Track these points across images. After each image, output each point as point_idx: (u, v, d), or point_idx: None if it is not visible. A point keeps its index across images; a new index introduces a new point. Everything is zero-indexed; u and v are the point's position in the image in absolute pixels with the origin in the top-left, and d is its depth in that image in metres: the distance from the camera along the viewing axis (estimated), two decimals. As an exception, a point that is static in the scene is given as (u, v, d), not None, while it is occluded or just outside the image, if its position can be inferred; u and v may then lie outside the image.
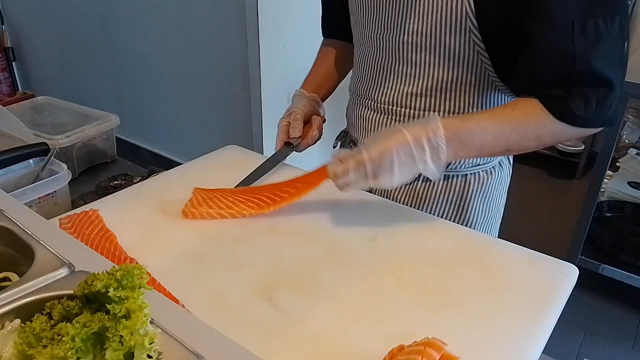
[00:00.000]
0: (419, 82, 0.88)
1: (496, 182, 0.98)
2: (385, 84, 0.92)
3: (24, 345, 0.43)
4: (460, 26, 0.79)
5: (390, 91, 0.92)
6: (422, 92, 0.88)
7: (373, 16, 0.89)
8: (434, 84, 0.86)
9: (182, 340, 0.46)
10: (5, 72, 3.26)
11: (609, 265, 2.07)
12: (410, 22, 0.83)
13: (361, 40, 0.95)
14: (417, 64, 0.86)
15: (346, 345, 0.62)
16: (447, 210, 0.96)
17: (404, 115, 0.91)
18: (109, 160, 1.51)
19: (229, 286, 0.72)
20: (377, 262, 0.77)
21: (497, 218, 1.03)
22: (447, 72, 0.85)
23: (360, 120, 1.00)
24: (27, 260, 0.57)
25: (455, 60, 0.83)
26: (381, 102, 0.94)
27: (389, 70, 0.90)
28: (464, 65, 0.84)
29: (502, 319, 0.67)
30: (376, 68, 0.93)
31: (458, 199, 0.95)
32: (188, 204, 0.89)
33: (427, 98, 0.88)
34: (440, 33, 0.81)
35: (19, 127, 1.19)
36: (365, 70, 0.96)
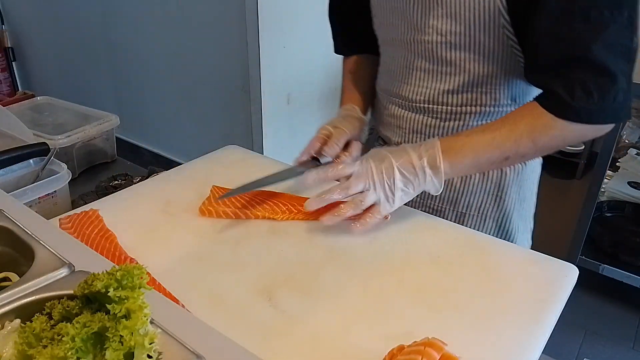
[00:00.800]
0: (454, 79, 0.88)
1: (530, 170, 0.98)
2: (418, 83, 0.92)
3: (24, 345, 0.43)
4: (493, 23, 0.79)
5: (424, 90, 0.91)
6: (457, 89, 0.88)
7: (400, 19, 0.89)
8: (468, 80, 0.87)
9: (182, 340, 0.46)
10: (5, 72, 3.26)
11: (609, 265, 2.07)
12: (441, 22, 0.83)
13: (388, 41, 0.95)
14: (451, 62, 0.86)
15: (346, 345, 0.62)
16: (484, 201, 0.97)
17: (440, 112, 0.92)
18: (109, 160, 1.51)
19: (229, 286, 0.72)
20: (377, 262, 0.77)
21: (532, 206, 1.04)
22: (481, 68, 0.85)
23: (393, 119, 1.00)
24: (27, 260, 0.57)
25: (489, 56, 0.83)
26: (415, 100, 0.93)
27: (421, 69, 0.90)
28: (498, 60, 0.84)
29: (502, 319, 0.67)
30: (407, 67, 0.92)
31: (496, 189, 0.96)
32: (205, 201, 0.89)
33: (463, 94, 0.89)
34: (473, 31, 0.81)
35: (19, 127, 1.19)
36: (396, 70, 0.95)
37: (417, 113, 0.95)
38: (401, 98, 0.96)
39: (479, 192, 0.96)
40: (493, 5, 0.78)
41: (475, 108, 0.89)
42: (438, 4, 0.82)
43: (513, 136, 0.79)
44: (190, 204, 0.91)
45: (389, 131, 1.02)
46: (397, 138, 1.01)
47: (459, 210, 0.98)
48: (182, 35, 2.49)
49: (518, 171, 0.96)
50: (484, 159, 0.81)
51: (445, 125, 0.93)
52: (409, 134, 0.98)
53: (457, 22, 0.81)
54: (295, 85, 2.49)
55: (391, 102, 0.99)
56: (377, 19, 0.97)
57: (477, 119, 0.91)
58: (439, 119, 0.93)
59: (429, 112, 0.93)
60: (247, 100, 2.35)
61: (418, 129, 0.96)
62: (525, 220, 1.03)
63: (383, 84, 1.02)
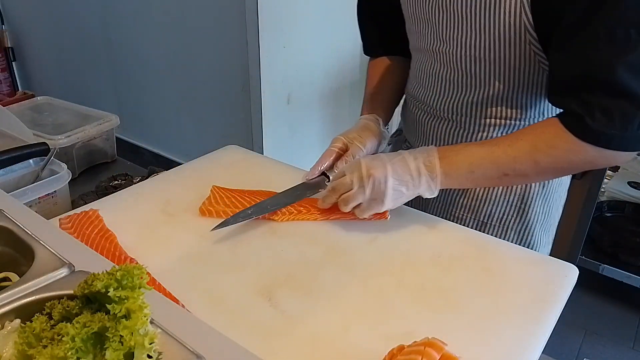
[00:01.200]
0: (478, 92, 0.87)
1: (557, 184, 0.96)
2: (444, 93, 0.91)
3: (24, 345, 0.43)
4: (520, 40, 0.77)
5: (448, 99, 0.91)
6: (481, 101, 0.87)
7: (428, 29, 0.88)
8: (493, 93, 0.85)
9: (182, 340, 0.46)
10: (5, 72, 3.26)
11: (609, 265, 2.07)
12: (467, 37, 0.82)
13: (417, 48, 0.95)
14: (476, 75, 0.85)
15: (346, 345, 0.62)
16: (507, 212, 0.95)
17: (465, 122, 0.91)
18: (109, 160, 1.51)
19: (229, 286, 0.72)
20: (377, 262, 0.77)
21: (556, 219, 1.02)
22: (507, 82, 0.83)
23: (418, 125, 0.99)
24: (27, 260, 0.57)
25: (515, 70, 0.82)
26: (440, 109, 0.93)
27: (447, 80, 0.90)
28: (525, 74, 0.82)
29: (502, 319, 0.67)
30: (434, 77, 0.92)
31: (519, 202, 0.94)
32: (205, 201, 0.89)
33: (488, 107, 0.87)
34: (499, 47, 0.80)
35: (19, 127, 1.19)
36: (423, 78, 0.95)
37: (441, 121, 0.94)
38: (426, 105, 0.95)
39: (501, 202, 0.94)
40: (519, 22, 0.75)
41: (500, 121, 0.88)
42: (463, 18, 0.80)
43: (512, 152, 0.76)
44: (190, 204, 0.91)
45: (413, 136, 1.02)
46: (419, 143, 1.00)
47: (480, 219, 0.96)
48: (182, 35, 2.49)
49: (544, 184, 0.94)
50: (479, 173, 0.78)
51: (469, 136, 0.92)
52: (431, 141, 0.97)
53: (482, 37, 0.80)
54: (295, 85, 2.49)
55: (417, 108, 0.99)
56: (408, 25, 0.96)
57: (502, 132, 0.89)
58: (463, 129, 0.92)
59: (453, 121, 0.92)
60: (247, 100, 2.35)
61: (441, 137, 0.95)
62: (548, 233, 1.01)
63: (411, 88, 1.01)
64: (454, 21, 0.82)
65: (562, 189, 0.99)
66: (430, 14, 0.85)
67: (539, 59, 0.79)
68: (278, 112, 2.44)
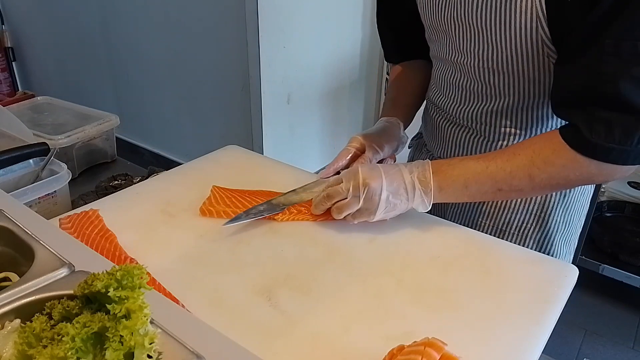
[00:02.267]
0: (497, 102, 0.87)
1: (578, 193, 0.95)
2: (463, 101, 0.92)
3: (24, 345, 0.43)
4: (537, 52, 0.77)
5: (467, 108, 0.91)
6: (500, 110, 0.87)
7: (446, 40, 0.88)
8: (512, 103, 0.85)
9: (182, 340, 0.46)
10: (5, 72, 3.26)
11: (609, 265, 2.07)
12: (483, 50, 0.82)
13: (436, 56, 0.95)
14: (494, 86, 0.85)
15: (346, 345, 0.62)
16: (526, 220, 0.93)
17: (484, 130, 0.91)
18: (109, 160, 1.51)
19: (229, 286, 0.72)
20: (377, 262, 0.77)
21: (578, 229, 1.00)
22: (525, 93, 0.83)
23: (437, 130, 0.99)
24: (27, 260, 0.57)
25: (532, 82, 0.81)
26: (459, 117, 0.93)
27: (466, 89, 0.90)
28: (543, 85, 0.82)
29: (502, 319, 0.67)
30: (453, 85, 0.92)
31: (539, 210, 0.93)
32: (206, 201, 0.89)
33: (506, 116, 0.87)
34: (516, 59, 0.79)
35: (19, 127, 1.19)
36: (443, 85, 0.95)
37: (460, 128, 0.95)
38: (446, 112, 0.96)
39: (521, 210, 0.93)
40: (536, 36, 0.75)
41: (519, 130, 0.88)
42: (479, 32, 0.80)
43: (508, 168, 0.76)
44: (190, 204, 0.91)
45: (432, 140, 1.02)
46: (438, 148, 1.00)
47: (498, 226, 0.95)
48: (182, 35, 2.49)
49: (565, 194, 0.93)
50: (474, 188, 0.78)
51: (487, 144, 0.92)
52: (450, 147, 0.97)
53: (499, 51, 0.80)
54: (295, 85, 2.49)
55: (437, 114, 0.99)
56: (427, 34, 0.96)
57: (516, 140, 0.88)
58: (482, 136, 0.92)
59: (472, 129, 0.92)
60: (247, 100, 2.35)
61: (459, 143, 0.95)
62: (569, 243, 0.99)
63: (432, 95, 1.01)
64: (470, 34, 0.82)
65: (584, 198, 0.97)
66: (446, 26, 0.86)
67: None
68: (278, 112, 2.44)
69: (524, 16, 0.74)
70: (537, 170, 0.74)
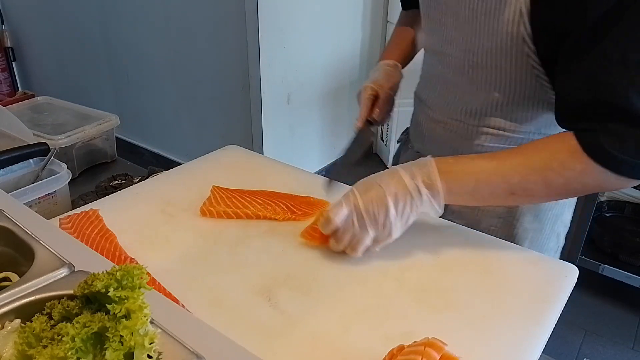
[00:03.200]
0: (477, 99, 0.86)
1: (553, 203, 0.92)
2: (445, 95, 0.92)
3: (24, 345, 0.43)
4: (517, 50, 0.76)
5: (448, 102, 0.91)
6: (479, 110, 0.86)
7: (437, 28, 0.88)
8: (491, 103, 0.84)
9: (182, 340, 0.46)
10: (5, 72, 3.26)
11: (609, 265, 2.07)
12: (468, 40, 0.81)
13: (427, 48, 0.97)
14: (475, 81, 0.84)
15: (346, 345, 0.62)
16: (494, 223, 0.92)
17: (460, 128, 0.90)
18: (109, 160, 1.51)
19: (229, 286, 0.72)
20: (377, 262, 0.77)
21: (558, 238, 0.97)
22: (503, 92, 0.82)
23: (418, 126, 1.02)
24: (27, 260, 0.57)
25: (511, 81, 0.80)
26: (439, 112, 0.94)
27: (449, 82, 0.90)
28: (521, 86, 0.80)
29: (502, 319, 0.67)
30: (437, 78, 0.94)
31: (506, 214, 0.91)
32: (206, 202, 0.89)
33: (481, 115, 0.87)
34: (497, 54, 0.78)
35: (19, 127, 1.19)
36: (428, 78, 0.98)
37: (438, 124, 0.95)
38: (427, 107, 0.98)
39: (489, 211, 0.92)
40: (517, 31, 0.73)
41: (496, 131, 0.86)
42: (468, 21, 0.80)
43: (523, 169, 0.71)
44: (190, 204, 0.91)
45: (414, 136, 1.05)
46: (418, 144, 1.03)
47: (470, 225, 0.90)
48: (182, 36, 2.49)
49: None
50: (486, 190, 0.73)
51: (464, 142, 0.90)
52: (431, 145, 0.98)
53: (482, 43, 0.79)
54: (295, 85, 2.49)
55: (420, 109, 1.02)
56: (423, 24, 0.96)
57: (494, 142, 0.87)
58: (458, 135, 0.91)
59: (450, 126, 0.92)
60: (247, 100, 2.36)
61: (437, 139, 0.96)
62: (543, 251, 0.94)
63: (418, 89, 1.04)
64: (458, 23, 0.82)
65: (561, 206, 0.94)
66: (440, 13, 0.86)
67: (537, 73, 0.77)
68: (278, 112, 2.44)
69: (509, 8, 0.73)
70: (554, 174, 0.70)
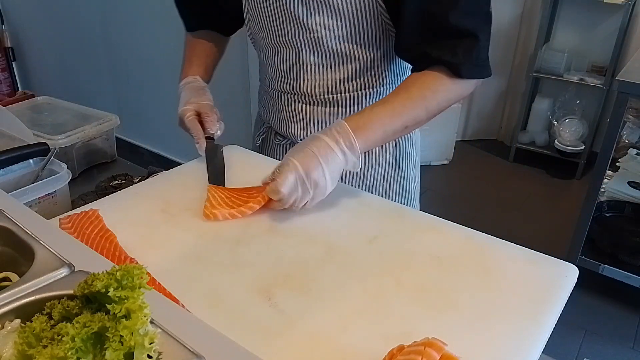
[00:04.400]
0: (346, 68, 0.98)
1: (416, 136, 1.13)
2: (314, 77, 1.00)
3: (24, 345, 0.43)
4: (372, 13, 0.90)
5: (320, 82, 1.00)
6: (350, 76, 0.99)
7: (285, 21, 0.95)
8: (359, 67, 0.97)
9: (182, 340, 0.46)
10: (5, 72, 3.27)
11: (609, 265, 2.07)
12: (327, 19, 0.91)
13: (275, 44, 1.00)
14: (341, 54, 0.96)
15: (346, 345, 0.62)
16: (387, 170, 1.08)
17: (340, 99, 1.01)
18: (109, 160, 1.51)
19: (229, 286, 0.72)
20: (377, 262, 0.77)
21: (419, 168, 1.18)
22: (369, 54, 0.96)
23: (294, 114, 1.06)
24: (27, 260, 0.57)
25: (373, 43, 0.95)
26: (314, 94, 1.02)
27: (315, 64, 0.98)
28: (381, 44, 0.95)
29: (502, 319, 0.67)
30: (300, 65, 0.99)
31: (393, 158, 1.08)
32: (207, 204, 0.87)
33: (355, 80, 0.99)
34: (357, 23, 0.91)
35: (19, 127, 1.19)
36: (288, 69, 1.02)
37: (317, 105, 1.03)
38: (299, 94, 1.03)
39: (381, 162, 1.08)
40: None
41: (367, 91, 1.01)
42: (321, 3, 0.90)
43: (409, 104, 0.88)
44: (190, 204, 0.91)
45: (291, 127, 1.08)
46: (301, 132, 1.08)
47: (367, 183, 1.08)
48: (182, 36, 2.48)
49: (409, 138, 1.10)
50: (390, 130, 0.88)
51: (345, 111, 1.03)
52: (313, 125, 1.06)
53: (342, 17, 0.91)
54: (295, 85, 2.48)
55: (289, 100, 1.05)
56: (257, 25, 1.01)
57: (370, 100, 1.02)
58: (339, 105, 1.02)
59: (328, 101, 1.02)
60: (247, 100, 2.36)
61: (321, 119, 1.05)
62: (418, 181, 1.17)
63: (276, 84, 1.07)
64: (313, 7, 0.91)
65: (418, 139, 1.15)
66: (287, 6, 0.92)
67: (389, 28, 0.93)
68: (278, 112, 2.43)
69: None
70: (431, 101, 0.88)
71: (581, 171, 3.14)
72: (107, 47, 2.84)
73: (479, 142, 3.59)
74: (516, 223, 2.71)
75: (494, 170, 3.29)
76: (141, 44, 2.67)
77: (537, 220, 2.74)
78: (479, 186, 3.13)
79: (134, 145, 2.96)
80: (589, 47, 3.10)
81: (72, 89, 3.15)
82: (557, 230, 2.57)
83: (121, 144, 1.61)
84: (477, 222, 1.01)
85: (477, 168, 3.32)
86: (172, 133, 2.82)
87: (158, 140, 2.91)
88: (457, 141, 3.39)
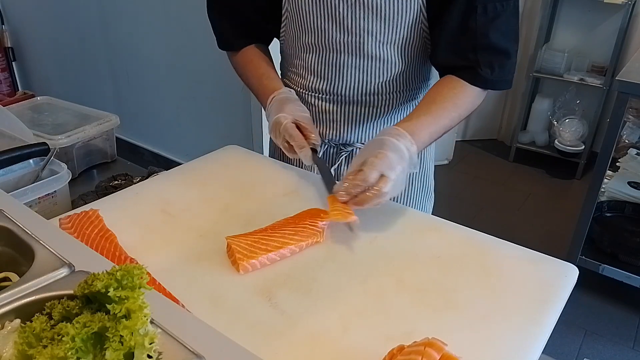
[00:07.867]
0: (384, 73, 1.00)
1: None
2: (352, 79, 1.01)
3: (24, 345, 0.43)
4: (415, 22, 0.94)
5: (358, 84, 1.01)
6: (386, 80, 1.01)
7: (330, 23, 0.95)
8: (395, 71, 1.01)
9: (182, 340, 0.46)
10: (5, 72, 3.26)
11: (609, 265, 2.07)
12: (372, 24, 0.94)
13: (315, 45, 1.00)
14: (380, 58, 0.98)
15: (346, 345, 0.62)
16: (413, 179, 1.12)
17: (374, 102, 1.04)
18: (109, 160, 1.51)
19: (229, 286, 0.72)
20: (377, 262, 0.77)
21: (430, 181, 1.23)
22: (405, 59, 1.00)
23: (325, 114, 1.06)
24: (27, 260, 0.57)
25: (410, 48, 0.98)
26: (349, 95, 1.03)
27: (354, 67, 1.00)
28: (416, 50, 0.99)
29: (502, 319, 0.67)
30: (341, 68, 1.01)
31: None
32: (238, 256, 0.75)
33: (391, 83, 1.02)
34: (400, 30, 0.95)
35: (19, 127, 1.19)
36: (326, 70, 1.02)
37: (348, 105, 1.05)
38: (332, 94, 1.04)
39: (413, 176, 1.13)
40: (416, 7, 0.92)
41: (398, 94, 1.04)
42: (369, 8, 0.92)
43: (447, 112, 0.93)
44: (190, 204, 0.91)
45: (319, 126, 1.08)
46: (330, 132, 1.08)
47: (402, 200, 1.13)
48: (182, 35, 2.49)
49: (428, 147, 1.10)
50: (434, 135, 0.93)
51: (375, 112, 1.05)
52: (343, 125, 1.07)
53: (386, 23, 0.94)
54: (295, 85, 2.48)
55: (319, 99, 1.06)
56: (295, 25, 1.00)
57: (398, 101, 1.05)
58: (371, 106, 1.05)
59: (360, 102, 1.04)
60: (247, 100, 2.35)
61: (351, 119, 1.06)
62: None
63: (307, 83, 1.06)
64: (360, 12, 0.93)
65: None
66: (333, 9, 0.94)
67: (425, 35, 0.97)
68: (278, 112, 2.43)
69: None
70: (461, 108, 0.94)
71: (581, 171, 3.14)
72: (107, 47, 2.84)
73: (479, 142, 3.59)
74: (516, 223, 2.71)
75: (494, 170, 3.29)
76: (141, 44, 2.67)
77: (537, 220, 2.74)
78: (479, 186, 3.13)
79: (134, 145, 2.95)
80: (589, 47, 3.10)
81: (72, 89, 3.15)
82: (557, 230, 2.57)
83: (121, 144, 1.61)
84: (477, 222, 1.01)
85: (477, 168, 3.31)
86: (172, 133, 2.82)
87: (158, 140, 2.91)
88: (457, 141, 3.38)
